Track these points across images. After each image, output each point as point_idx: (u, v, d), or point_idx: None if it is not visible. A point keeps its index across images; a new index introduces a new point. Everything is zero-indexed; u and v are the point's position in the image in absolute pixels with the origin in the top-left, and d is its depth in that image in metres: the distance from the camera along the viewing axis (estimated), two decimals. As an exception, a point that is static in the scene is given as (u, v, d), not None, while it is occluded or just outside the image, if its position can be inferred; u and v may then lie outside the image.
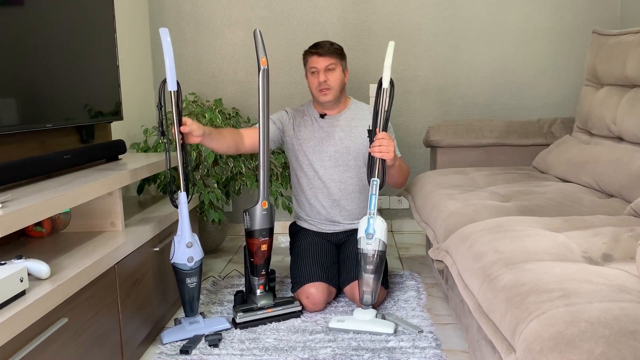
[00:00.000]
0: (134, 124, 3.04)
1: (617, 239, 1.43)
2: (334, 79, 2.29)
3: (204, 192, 2.71)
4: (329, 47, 2.28)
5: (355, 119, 2.38)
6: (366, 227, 2.07)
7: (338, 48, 2.32)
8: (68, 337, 1.42)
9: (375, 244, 2.05)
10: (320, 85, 2.28)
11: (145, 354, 1.96)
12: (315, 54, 2.29)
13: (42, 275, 1.40)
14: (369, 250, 2.05)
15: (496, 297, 1.27)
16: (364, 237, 2.07)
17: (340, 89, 2.34)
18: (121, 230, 1.92)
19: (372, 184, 2.09)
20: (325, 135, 2.36)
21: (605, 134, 2.34)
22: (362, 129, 2.35)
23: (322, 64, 2.27)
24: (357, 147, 2.35)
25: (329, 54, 2.27)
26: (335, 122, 2.38)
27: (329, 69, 2.28)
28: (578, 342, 0.97)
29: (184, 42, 3.33)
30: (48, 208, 1.45)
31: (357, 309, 2.10)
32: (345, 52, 2.35)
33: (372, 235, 2.05)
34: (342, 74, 2.33)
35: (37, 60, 1.79)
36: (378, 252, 2.06)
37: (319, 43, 2.31)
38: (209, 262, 2.94)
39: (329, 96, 2.30)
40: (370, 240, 2.05)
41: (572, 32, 3.24)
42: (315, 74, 2.29)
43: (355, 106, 2.42)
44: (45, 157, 1.77)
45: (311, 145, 2.36)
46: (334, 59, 2.28)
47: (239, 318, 2.09)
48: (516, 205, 1.94)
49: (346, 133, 2.36)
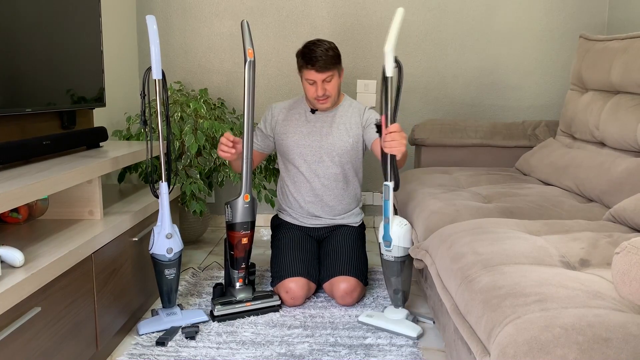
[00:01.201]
0: (117, 111, 3.00)
1: (595, 244, 1.45)
2: (332, 88, 2.25)
3: (186, 182, 2.68)
4: (325, 59, 2.17)
5: (345, 116, 2.37)
6: (383, 234, 2.00)
7: (334, 55, 2.20)
8: (41, 327, 1.40)
9: (394, 251, 1.99)
10: (319, 97, 2.25)
11: (121, 345, 1.94)
12: (312, 69, 2.19)
13: (16, 263, 1.38)
14: (389, 257, 2.01)
15: (473, 299, 1.28)
16: (383, 244, 2.01)
17: (338, 93, 2.33)
18: (100, 219, 1.90)
19: (385, 189, 1.96)
20: (312, 130, 2.35)
21: (588, 138, 2.36)
22: (349, 127, 2.34)
23: (319, 77, 2.21)
24: (343, 144, 2.34)
25: (325, 68, 2.18)
26: (325, 117, 2.36)
27: (327, 81, 2.23)
28: (552, 348, 0.98)
29: (170, 29, 3.29)
30: (25, 194, 1.43)
31: (390, 307, 2.09)
32: (339, 52, 2.25)
33: (389, 243, 1.99)
34: (339, 78, 2.29)
35: (18, 43, 1.75)
36: (398, 259, 2.00)
37: (314, 53, 2.17)
38: (189, 253, 2.92)
39: (327, 104, 2.29)
40: (389, 248, 1.99)
41: (560, 35, 3.26)
42: (313, 85, 2.24)
43: (347, 104, 2.40)
44: (24, 142, 1.74)
45: (295, 140, 2.35)
46: (332, 70, 2.21)
47: (217, 311, 2.08)
48: (497, 206, 1.95)
49: (334, 129, 2.35)
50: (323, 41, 2.23)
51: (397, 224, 1.98)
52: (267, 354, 1.85)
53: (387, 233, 1.98)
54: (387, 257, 2.02)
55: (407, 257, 2.01)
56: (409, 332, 1.97)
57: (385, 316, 2.06)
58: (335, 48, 2.24)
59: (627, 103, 2.14)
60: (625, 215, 1.66)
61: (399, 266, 2.00)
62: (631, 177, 1.90)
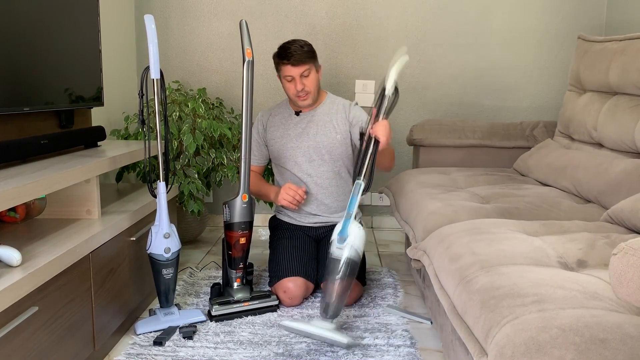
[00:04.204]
0: (115, 111, 3.00)
1: (593, 245, 1.45)
2: (310, 83, 2.27)
3: (184, 182, 2.68)
4: (300, 53, 2.21)
5: (329, 113, 2.38)
6: (340, 229, 1.86)
7: (308, 50, 2.25)
8: (38, 326, 1.40)
9: (346, 250, 1.81)
10: (299, 92, 2.27)
11: (118, 344, 1.93)
12: (288, 64, 2.23)
13: (13, 262, 1.38)
14: (337, 256, 1.81)
15: (471, 299, 1.28)
16: (336, 240, 1.84)
17: (318, 89, 2.34)
18: (97, 218, 1.89)
19: (356, 185, 1.91)
20: (300, 132, 2.36)
21: (586, 139, 2.37)
22: (336, 124, 2.36)
23: (296, 72, 2.23)
24: (330, 141, 2.35)
25: (301, 61, 2.21)
26: (310, 117, 2.37)
27: (304, 75, 2.25)
28: (549, 349, 0.98)
29: (169, 29, 3.29)
30: (23, 193, 1.42)
31: (317, 318, 1.88)
32: (314, 49, 2.29)
33: (344, 239, 1.82)
34: (317, 74, 2.31)
35: (16, 42, 1.75)
36: (348, 260, 1.80)
37: (288, 49, 2.22)
38: (187, 253, 2.91)
39: (308, 100, 2.31)
40: (341, 245, 1.82)
41: (559, 36, 3.26)
42: (292, 81, 2.27)
43: (330, 101, 2.41)
44: (21, 141, 1.74)
45: (284, 143, 2.37)
46: (307, 64, 2.24)
47: (215, 311, 2.08)
48: (495, 207, 1.95)
49: (320, 128, 2.35)
50: (297, 40, 2.28)
51: (357, 225, 1.86)
52: (265, 353, 1.85)
53: (345, 229, 1.83)
54: (335, 255, 1.82)
55: (354, 264, 1.82)
56: (339, 338, 1.77)
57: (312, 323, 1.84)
58: (310, 45, 2.28)
59: (625, 104, 2.15)
60: (622, 216, 1.67)
61: (344, 268, 1.80)
62: (629, 178, 1.90)
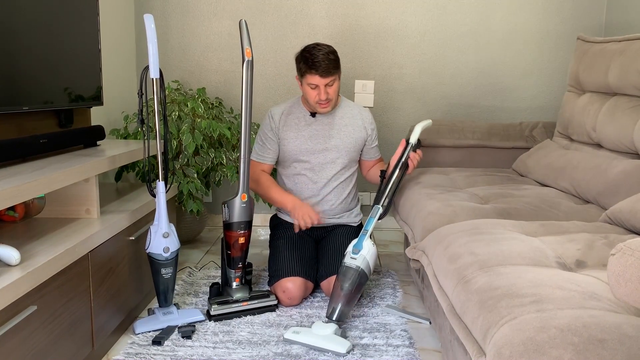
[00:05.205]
0: (114, 110, 3.00)
1: (591, 245, 1.45)
2: (334, 92, 2.27)
3: (183, 182, 2.68)
4: (327, 63, 2.19)
5: (344, 117, 2.39)
6: (356, 242, 2.02)
7: (334, 59, 2.23)
8: (37, 325, 1.40)
9: (359, 261, 1.98)
10: (321, 100, 2.26)
11: (117, 344, 1.93)
12: (316, 75, 2.20)
13: (12, 261, 1.38)
14: (351, 264, 1.97)
15: (469, 299, 1.28)
16: (350, 252, 2.01)
17: (338, 96, 2.35)
18: (96, 217, 1.89)
19: (375, 209, 2.14)
20: (313, 134, 2.36)
21: (585, 140, 2.37)
22: (352, 129, 2.37)
23: (323, 82, 2.22)
24: (345, 145, 2.36)
25: (329, 72, 2.21)
26: (325, 120, 2.37)
27: (329, 85, 2.24)
28: (547, 349, 0.98)
29: (169, 28, 3.29)
30: (22, 193, 1.42)
31: (318, 322, 1.95)
32: (338, 56, 2.27)
33: (358, 251, 1.99)
34: (339, 81, 2.31)
35: (16, 41, 1.75)
36: (359, 271, 1.96)
37: (316, 59, 2.19)
38: (186, 253, 2.91)
39: (329, 108, 2.31)
40: (355, 255, 1.99)
41: (558, 37, 3.27)
42: (315, 89, 2.25)
43: (345, 104, 2.42)
44: (20, 140, 1.74)
45: (297, 144, 2.35)
46: (334, 75, 2.24)
47: (214, 310, 2.08)
48: (494, 207, 1.95)
49: (335, 131, 2.36)
50: (322, 45, 2.25)
51: (371, 242, 2.05)
52: (264, 353, 1.85)
53: (361, 242, 2.02)
54: (349, 264, 1.98)
55: (364, 276, 1.98)
56: (337, 348, 1.84)
57: (312, 332, 1.91)
58: (335, 52, 2.26)
59: (624, 105, 2.15)
60: (621, 216, 1.67)
61: (357, 279, 1.96)
62: (628, 179, 1.90)
